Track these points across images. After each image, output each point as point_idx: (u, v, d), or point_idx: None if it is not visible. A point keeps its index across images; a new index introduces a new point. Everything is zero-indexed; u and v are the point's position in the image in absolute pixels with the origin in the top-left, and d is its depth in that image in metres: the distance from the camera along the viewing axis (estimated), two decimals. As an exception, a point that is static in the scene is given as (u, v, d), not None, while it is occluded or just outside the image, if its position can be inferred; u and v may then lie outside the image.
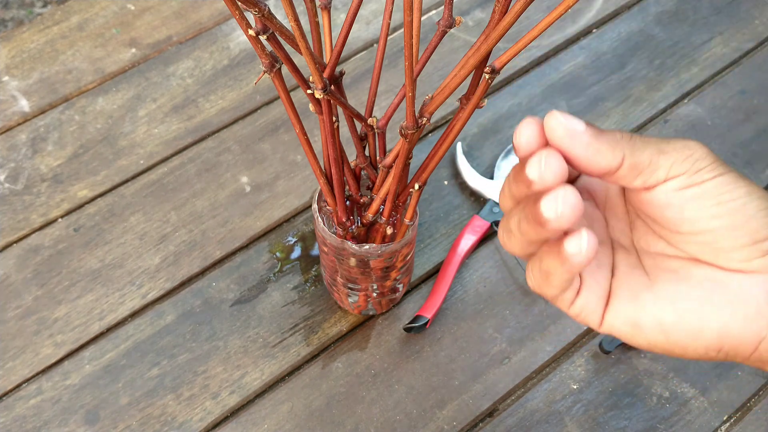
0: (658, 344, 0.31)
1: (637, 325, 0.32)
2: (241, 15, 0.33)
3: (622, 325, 0.32)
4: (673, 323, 0.31)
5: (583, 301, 0.32)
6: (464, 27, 0.73)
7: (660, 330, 0.31)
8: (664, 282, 0.32)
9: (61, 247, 0.60)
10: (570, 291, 0.32)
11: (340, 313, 0.58)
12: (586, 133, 0.29)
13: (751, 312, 0.30)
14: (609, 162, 0.30)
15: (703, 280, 0.31)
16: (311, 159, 0.44)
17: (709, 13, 0.75)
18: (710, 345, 0.31)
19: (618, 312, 0.32)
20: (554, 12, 0.30)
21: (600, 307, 0.32)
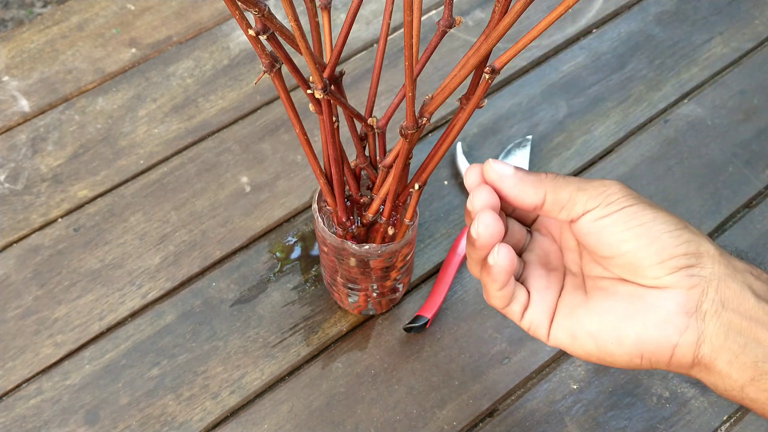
0: (591, 353, 0.37)
1: (574, 336, 0.37)
2: (241, 15, 0.33)
3: (563, 336, 0.37)
4: (599, 332, 0.36)
5: (530, 316, 0.38)
6: (464, 27, 0.73)
7: (591, 339, 0.36)
8: (595, 298, 0.37)
9: (61, 247, 0.60)
10: (516, 304, 0.38)
11: (340, 313, 0.58)
12: (513, 176, 0.37)
13: (660, 320, 0.34)
14: (533, 199, 0.37)
15: (626, 295, 0.36)
16: (311, 159, 0.44)
17: (709, 13, 0.75)
18: (632, 351, 0.35)
19: (560, 325, 0.38)
20: (554, 12, 0.30)
21: (545, 322, 0.38)
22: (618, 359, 0.36)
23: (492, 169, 0.37)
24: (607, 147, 0.67)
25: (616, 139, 0.67)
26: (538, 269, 0.40)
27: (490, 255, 0.36)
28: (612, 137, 0.67)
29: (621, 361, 0.36)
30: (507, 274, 0.36)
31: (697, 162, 0.66)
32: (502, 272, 0.36)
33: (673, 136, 0.67)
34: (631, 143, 0.67)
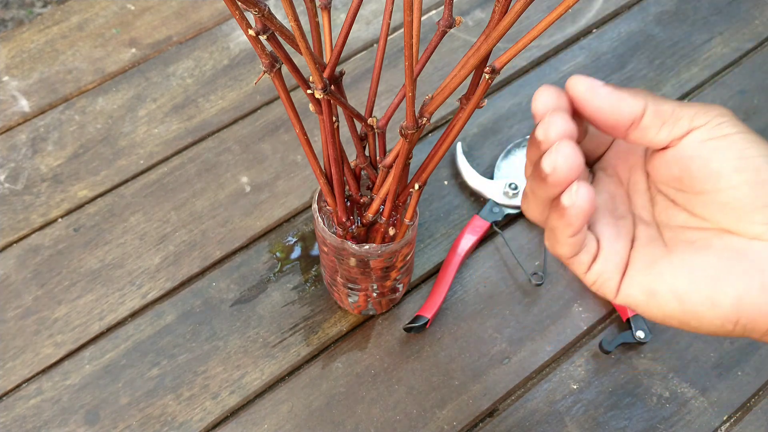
0: (673, 314, 0.31)
1: (652, 293, 0.31)
2: (241, 15, 0.33)
3: (638, 293, 0.32)
4: (688, 291, 0.31)
5: (599, 267, 0.32)
6: (464, 27, 0.73)
7: (675, 298, 0.31)
8: (681, 252, 0.31)
9: (61, 247, 0.60)
10: (585, 254, 0.32)
11: (340, 313, 0.58)
12: (606, 86, 0.31)
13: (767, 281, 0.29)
14: (632, 108, 0.31)
15: (722, 249, 0.31)
16: (311, 159, 0.44)
17: (709, 13, 0.75)
18: (726, 315, 0.30)
19: (634, 280, 0.32)
20: (554, 12, 0.30)
21: (616, 275, 0.32)
22: (707, 323, 0.31)
23: (580, 81, 0.31)
24: (607, 147, 0.67)
25: (616, 139, 0.67)
26: (606, 216, 0.34)
27: (566, 194, 0.30)
28: (612, 137, 0.67)
29: (710, 325, 0.31)
30: (585, 218, 0.30)
31: (697, 162, 0.66)
32: (581, 215, 0.30)
33: (673, 136, 0.67)
34: (631, 143, 0.67)
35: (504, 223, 0.62)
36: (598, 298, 0.59)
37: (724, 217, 0.31)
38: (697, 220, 0.32)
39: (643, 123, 0.31)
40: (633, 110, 0.31)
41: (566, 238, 0.32)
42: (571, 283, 0.60)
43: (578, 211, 0.30)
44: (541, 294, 0.59)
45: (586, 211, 0.30)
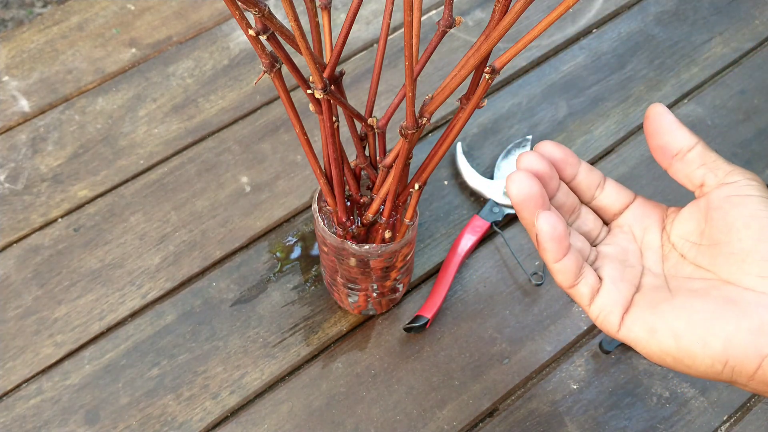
0: (670, 351, 0.34)
1: (653, 331, 0.35)
2: (241, 15, 0.33)
3: (639, 330, 0.35)
4: (685, 331, 0.34)
5: (602, 302, 0.36)
6: (464, 27, 0.73)
7: (672, 336, 0.34)
8: (684, 297, 0.35)
9: (61, 247, 0.60)
10: (584, 286, 0.37)
11: (340, 313, 0.58)
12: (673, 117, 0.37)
13: (754, 326, 0.33)
14: (686, 140, 0.37)
15: (718, 296, 0.34)
16: (311, 159, 0.44)
17: (709, 13, 0.75)
18: (716, 356, 0.33)
19: (637, 318, 0.35)
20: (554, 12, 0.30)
21: (618, 311, 0.36)
22: (699, 363, 0.34)
23: (658, 106, 0.37)
24: (607, 147, 0.67)
25: (616, 139, 0.67)
26: (614, 262, 0.38)
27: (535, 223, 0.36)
28: (612, 137, 0.67)
29: (701, 365, 0.34)
30: (554, 241, 0.35)
31: (697, 162, 0.66)
32: (548, 239, 0.35)
33: (673, 136, 0.67)
34: (631, 143, 0.67)
35: (504, 223, 0.62)
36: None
37: (728, 267, 0.35)
38: (702, 272, 0.36)
39: (688, 156, 0.37)
40: (686, 142, 0.37)
41: (552, 264, 0.36)
42: (571, 283, 0.60)
43: (545, 236, 0.35)
44: (541, 294, 0.59)
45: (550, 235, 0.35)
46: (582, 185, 0.40)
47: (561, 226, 0.36)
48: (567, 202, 0.40)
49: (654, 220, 0.39)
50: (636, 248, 0.39)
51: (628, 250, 0.39)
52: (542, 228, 0.35)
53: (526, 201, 0.36)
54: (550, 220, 0.35)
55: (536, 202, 0.36)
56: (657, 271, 0.38)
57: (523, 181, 0.36)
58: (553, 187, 0.39)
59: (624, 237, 0.40)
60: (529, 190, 0.36)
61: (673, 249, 0.38)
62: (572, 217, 0.40)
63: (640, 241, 0.40)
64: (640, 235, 0.40)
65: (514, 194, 0.36)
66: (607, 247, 0.39)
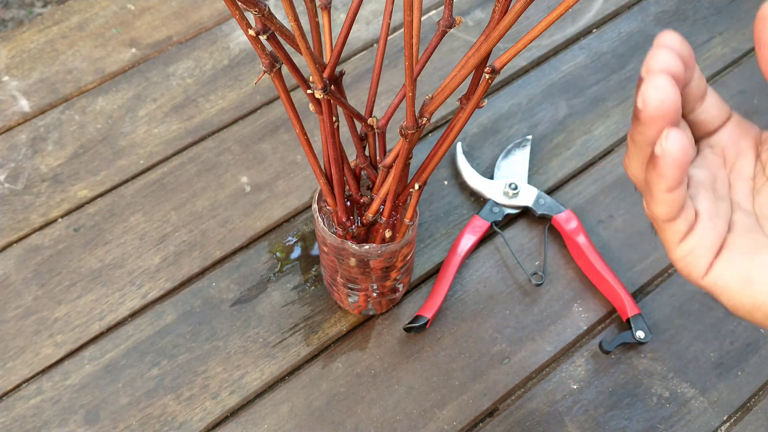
0: (763, 306, 0.31)
1: (749, 281, 0.31)
2: (241, 15, 0.33)
3: (731, 277, 0.31)
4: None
5: (694, 242, 0.31)
6: (464, 27, 0.73)
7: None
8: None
9: (61, 247, 0.60)
10: (682, 221, 0.31)
11: (340, 313, 0.58)
12: None
13: None
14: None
15: None
16: (311, 159, 0.44)
17: (709, 13, 0.75)
18: None
19: (731, 263, 0.31)
20: (554, 12, 0.30)
21: (709, 254, 0.31)
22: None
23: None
24: (607, 147, 0.67)
25: (616, 139, 0.67)
26: (708, 191, 0.33)
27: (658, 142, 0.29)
28: (612, 137, 0.67)
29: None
30: (678, 168, 0.29)
31: (697, 162, 0.66)
32: (673, 164, 0.29)
33: (673, 136, 0.67)
34: (631, 143, 0.67)
35: (504, 223, 0.62)
36: (598, 298, 0.59)
37: None
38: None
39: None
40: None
41: (661, 194, 0.30)
42: (571, 283, 0.60)
43: (670, 160, 0.29)
44: (541, 294, 0.59)
45: (678, 161, 0.29)
46: (690, 94, 0.34)
47: (691, 151, 0.29)
48: None
49: (750, 144, 0.34)
50: (725, 176, 0.34)
51: (717, 177, 0.34)
52: (671, 150, 0.28)
53: (666, 114, 0.29)
54: (682, 143, 0.28)
55: (674, 116, 0.29)
56: (747, 207, 0.33)
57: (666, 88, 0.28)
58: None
59: (714, 161, 0.34)
60: (673, 101, 0.28)
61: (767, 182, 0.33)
62: None
63: (730, 168, 0.34)
64: (732, 160, 0.34)
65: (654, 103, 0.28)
66: (698, 171, 0.34)
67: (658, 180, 0.30)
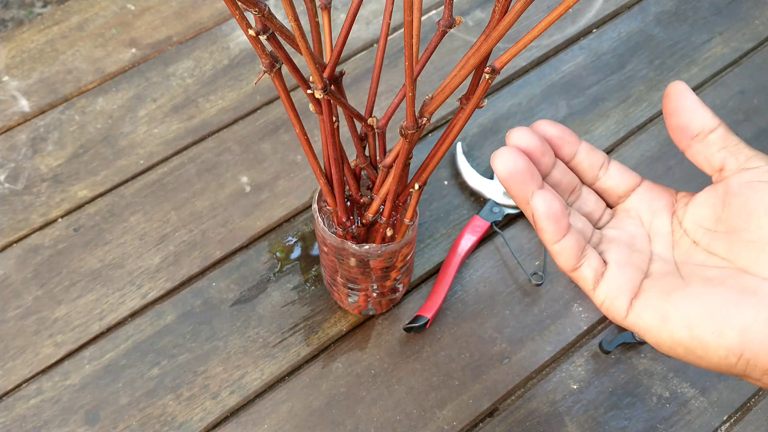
0: (681, 341, 0.33)
1: (665, 319, 0.33)
2: (241, 15, 0.33)
3: (650, 317, 0.33)
4: (699, 320, 0.32)
5: (607, 286, 0.34)
6: (464, 27, 0.73)
7: (686, 326, 0.32)
8: (697, 285, 0.33)
9: (61, 247, 0.60)
10: (587, 269, 0.35)
11: (340, 313, 0.58)
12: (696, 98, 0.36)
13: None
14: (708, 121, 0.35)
15: (735, 285, 0.33)
16: (311, 159, 0.44)
17: (709, 13, 0.75)
18: (731, 347, 0.32)
19: (648, 304, 0.34)
20: (554, 12, 0.30)
21: (625, 297, 0.34)
22: (712, 354, 0.32)
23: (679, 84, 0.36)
24: (607, 147, 0.67)
25: (616, 139, 0.67)
26: (620, 245, 0.36)
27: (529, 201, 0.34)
28: (612, 137, 0.67)
29: (714, 357, 0.32)
30: (551, 221, 0.34)
31: (697, 162, 0.66)
32: (545, 218, 0.34)
33: (673, 136, 0.67)
34: (631, 143, 0.67)
35: (504, 223, 0.62)
36: (598, 298, 0.59)
37: (746, 255, 0.33)
38: (716, 259, 0.34)
39: (708, 138, 0.35)
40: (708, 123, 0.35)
41: (550, 245, 0.34)
42: (571, 283, 0.60)
43: (540, 216, 0.34)
44: (541, 294, 0.59)
45: (547, 215, 0.33)
46: (583, 165, 0.38)
47: (557, 204, 0.34)
48: (564, 180, 0.38)
49: (663, 205, 0.38)
50: (644, 233, 0.37)
51: (635, 235, 0.37)
52: (537, 207, 0.34)
53: (512, 177, 0.34)
54: (544, 198, 0.34)
55: (523, 178, 0.34)
56: (667, 257, 0.36)
57: (508, 157, 0.34)
58: (546, 164, 0.37)
59: (631, 222, 0.38)
60: (514, 165, 0.34)
61: (685, 235, 0.36)
62: (572, 197, 0.38)
63: (648, 227, 0.38)
64: (648, 219, 0.38)
65: (499, 170, 0.34)
66: (612, 231, 0.38)
67: (542, 235, 0.34)
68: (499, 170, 0.34)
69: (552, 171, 0.37)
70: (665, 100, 0.36)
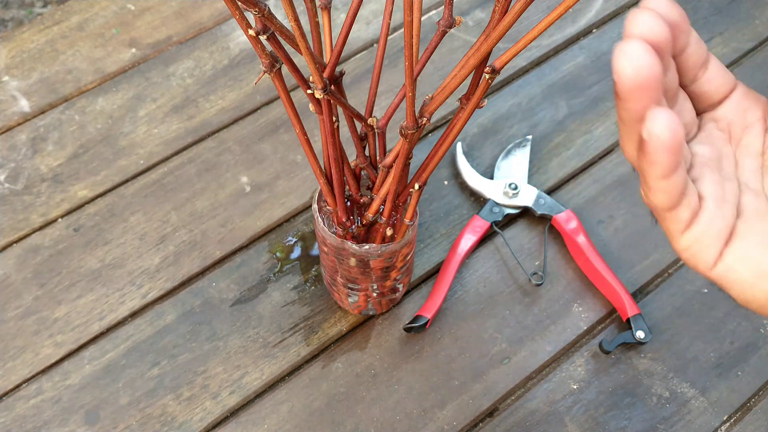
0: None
1: (763, 274, 0.28)
2: (241, 15, 0.33)
3: (744, 270, 0.28)
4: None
5: (700, 230, 0.28)
6: (464, 27, 0.73)
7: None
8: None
9: (61, 247, 0.60)
10: (684, 208, 0.28)
11: (340, 313, 0.58)
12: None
13: None
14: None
15: None
16: (311, 159, 0.44)
17: (709, 13, 0.75)
18: None
19: (744, 254, 0.28)
20: (554, 12, 0.30)
21: (717, 244, 0.28)
22: None
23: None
24: (607, 147, 0.67)
25: (616, 139, 0.67)
26: (712, 172, 0.29)
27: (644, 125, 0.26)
28: (612, 137, 0.67)
29: None
30: (670, 153, 0.26)
31: (697, 162, 0.66)
32: (663, 150, 0.25)
33: (673, 136, 0.67)
34: (631, 143, 0.67)
35: (504, 223, 0.62)
36: (598, 298, 0.59)
37: None
38: None
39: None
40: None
41: (657, 181, 0.27)
42: (571, 283, 0.60)
43: (659, 145, 0.25)
44: (541, 294, 0.59)
45: (668, 145, 0.25)
46: (689, 62, 0.31)
47: (680, 131, 0.25)
48: (671, 84, 0.30)
49: (758, 117, 0.31)
50: (731, 153, 0.31)
51: (722, 154, 0.30)
52: (659, 132, 0.25)
53: (641, 87, 0.25)
54: (671, 124, 0.25)
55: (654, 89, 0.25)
56: (756, 186, 0.30)
57: (642, 56, 0.25)
58: (666, 63, 0.28)
59: (719, 136, 0.31)
60: (650, 71, 0.25)
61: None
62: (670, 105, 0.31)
63: (737, 143, 0.31)
64: (739, 134, 0.31)
65: (627, 74, 0.25)
66: (702, 148, 0.30)
67: (650, 167, 0.26)
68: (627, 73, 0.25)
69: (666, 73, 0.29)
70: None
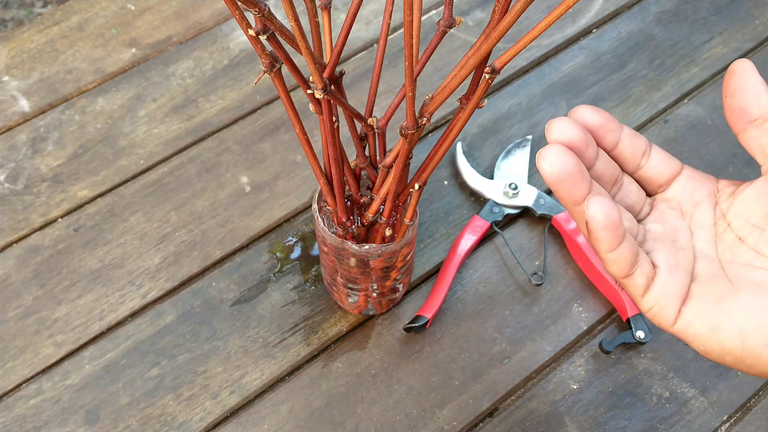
0: (733, 351, 0.31)
1: (717, 329, 0.31)
2: (241, 15, 0.33)
3: (701, 326, 0.32)
4: (751, 329, 0.31)
5: (657, 293, 0.32)
6: (464, 27, 0.73)
7: (738, 335, 0.31)
8: (748, 292, 0.32)
9: (61, 247, 0.60)
10: (639, 275, 0.32)
11: (340, 313, 0.58)
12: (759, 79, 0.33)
13: None
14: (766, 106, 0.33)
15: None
16: (311, 159, 0.44)
17: (709, 13, 0.75)
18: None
19: (698, 312, 0.32)
20: (554, 12, 0.30)
21: (675, 303, 0.32)
22: (763, 363, 0.31)
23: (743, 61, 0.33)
24: (607, 147, 0.67)
25: (616, 139, 0.67)
26: (666, 244, 0.34)
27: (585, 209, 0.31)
28: (612, 137, 0.67)
29: (766, 366, 0.31)
30: (609, 230, 0.30)
31: (697, 162, 0.66)
32: (602, 228, 0.30)
33: (673, 136, 0.67)
34: (631, 143, 0.67)
35: (504, 223, 0.62)
36: (598, 298, 0.59)
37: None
38: (764, 260, 0.32)
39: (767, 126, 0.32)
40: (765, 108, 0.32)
41: (604, 254, 0.31)
42: (571, 283, 0.60)
43: (596, 226, 0.30)
44: (541, 294, 0.59)
45: (605, 224, 0.30)
46: (625, 154, 0.35)
47: (615, 214, 0.30)
48: (607, 171, 0.34)
49: (705, 194, 0.35)
50: (685, 226, 0.35)
51: (677, 228, 0.34)
52: (595, 216, 0.30)
53: (562, 179, 0.30)
54: (603, 207, 0.30)
55: (574, 180, 0.31)
56: (710, 254, 0.34)
57: (556, 157, 0.30)
58: (590, 157, 0.33)
59: (672, 214, 0.35)
60: (565, 167, 0.30)
61: (729, 229, 0.34)
62: (614, 189, 0.35)
63: (689, 219, 0.35)
64: (690, 211, 0.35)
65: (547, 173, 0.30)
66: (655, 226, 0.35)
67: (596, 243, 0.31)
68: (547, 172, 0.31)
69: (595, 163, 0.34)
70: (727, 78, 0.33)
